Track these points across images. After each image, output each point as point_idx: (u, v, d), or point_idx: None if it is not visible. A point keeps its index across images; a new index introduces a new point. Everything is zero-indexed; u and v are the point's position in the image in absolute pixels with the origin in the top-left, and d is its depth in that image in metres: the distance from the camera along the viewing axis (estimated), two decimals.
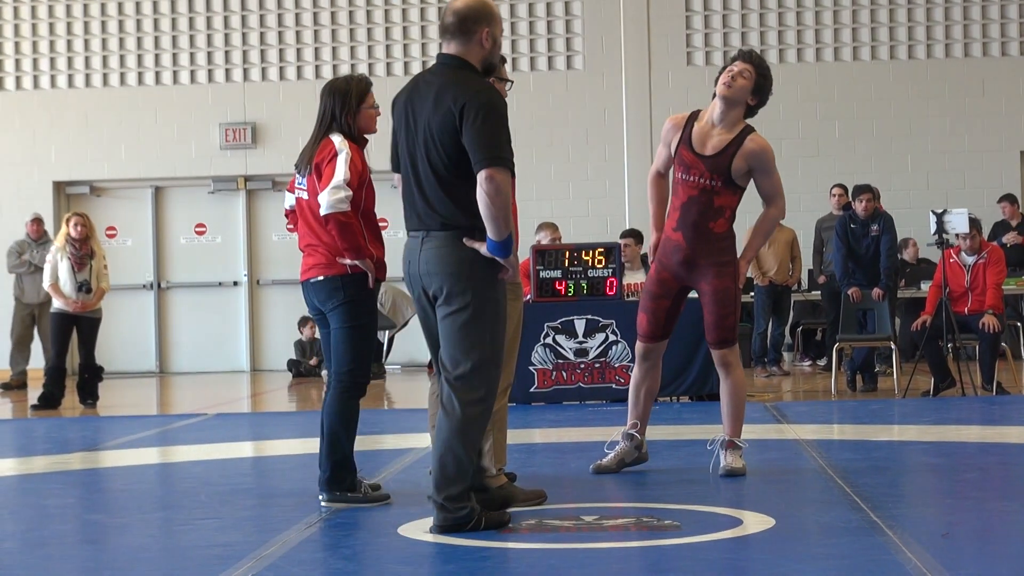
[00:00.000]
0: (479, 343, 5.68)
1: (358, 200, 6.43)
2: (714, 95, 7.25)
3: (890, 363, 13.47)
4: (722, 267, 7.17)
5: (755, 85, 7.18)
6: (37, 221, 15.85)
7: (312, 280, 6.56)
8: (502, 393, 6.44)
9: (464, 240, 5.70)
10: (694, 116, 7.31)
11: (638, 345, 7.42)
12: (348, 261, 6.44)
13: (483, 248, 5.67)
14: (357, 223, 6.43)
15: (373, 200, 6.58)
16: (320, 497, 6.54)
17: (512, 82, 6.66)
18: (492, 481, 6.37)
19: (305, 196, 6.58)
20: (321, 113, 6.57)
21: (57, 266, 13.03)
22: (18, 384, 15.76)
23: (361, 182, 6.46)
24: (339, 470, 6.49)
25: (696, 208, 7.16)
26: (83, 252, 13.06)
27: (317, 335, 16.32)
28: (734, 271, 7.19)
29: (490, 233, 5.62)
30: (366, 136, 6.62)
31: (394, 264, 6.35)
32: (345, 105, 6.52)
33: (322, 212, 6.40)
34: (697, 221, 7.16)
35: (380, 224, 6.71)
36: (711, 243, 7.16)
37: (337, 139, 6.48)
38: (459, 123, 5.62)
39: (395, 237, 11.81)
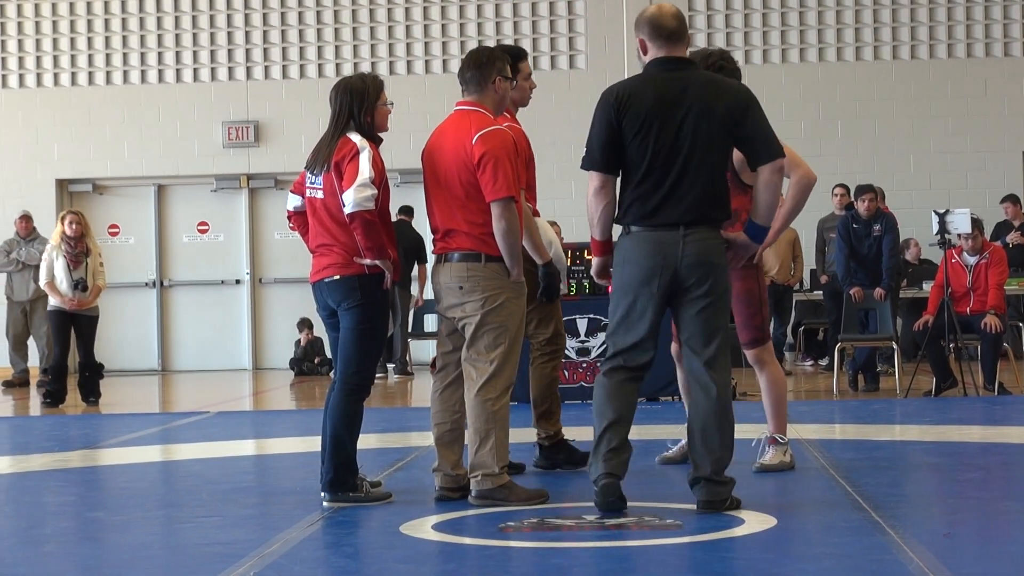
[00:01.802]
0: (722, 326, 6.02)
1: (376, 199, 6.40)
2: None
3: (892, 363, 13.46)
4: (745, 269, 7.24)
5: None
6: (26, 218, 15.77)
7: (327, 280, 6.49)
8: (504, 392, 6.44)
9: (722, 232, 6.03)
10: None
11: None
12: (367, 261, 6.38)
13: (741, 236, 6.04)
14: (380, 222, 6.40)
15: (388, 200, 6.55)
16: (322, 496, 6.54)
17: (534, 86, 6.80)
18: (495, 480, 6.36)
19: (320, 195, 6.49)
20: (336, 111, 6.49)
21: (53, 264, 13.02)
22: (20, 382, 15.76)
23: (381, 181, 6.43)
24: (342, 472, 6.47)
25: None
26: (78, 250, 13.04)
27: (315, 336, 16.33)
28: (756, 272, 7.30)
29: (764, 220, 6.01)
30: (380, 135, 6.58)
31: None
32: (364, 103, 6.45)
33: (348, 210, 6.31)
34: None
35: None
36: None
37: (356, 138, 6.42)
38: (739, 118, 5.91)
39: None
